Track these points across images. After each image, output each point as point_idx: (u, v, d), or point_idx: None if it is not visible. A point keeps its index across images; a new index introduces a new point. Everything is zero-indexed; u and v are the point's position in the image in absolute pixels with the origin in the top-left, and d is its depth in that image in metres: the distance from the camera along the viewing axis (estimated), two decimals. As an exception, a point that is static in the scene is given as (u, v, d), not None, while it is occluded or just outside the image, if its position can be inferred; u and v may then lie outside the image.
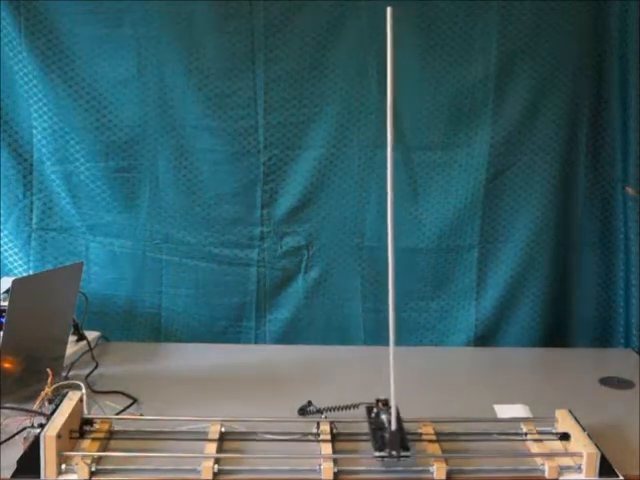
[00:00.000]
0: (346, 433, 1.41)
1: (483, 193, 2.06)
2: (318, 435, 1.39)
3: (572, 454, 1.32)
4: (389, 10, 1.23)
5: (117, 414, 1.51)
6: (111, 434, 1.39)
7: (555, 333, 2.13)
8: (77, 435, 1.33)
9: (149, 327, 2.14)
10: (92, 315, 1.93)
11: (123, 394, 1.61)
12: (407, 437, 1.31)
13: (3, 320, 1.50)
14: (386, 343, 2.11)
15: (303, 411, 1.53)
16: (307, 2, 1.97)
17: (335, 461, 1.30)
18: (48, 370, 1.45)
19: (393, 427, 1.29)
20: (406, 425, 1.42)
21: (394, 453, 1.27)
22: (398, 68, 2.00)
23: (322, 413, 1.50)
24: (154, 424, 1.42)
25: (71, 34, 1.96)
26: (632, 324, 2.05)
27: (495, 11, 1.97)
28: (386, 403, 1.39)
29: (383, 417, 1.36)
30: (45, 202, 2.08)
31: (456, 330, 2.13)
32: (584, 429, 1.35)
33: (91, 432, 1.36)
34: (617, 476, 1.27)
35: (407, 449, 1.28)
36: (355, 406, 1.47)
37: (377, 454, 1.28)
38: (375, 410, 1.40)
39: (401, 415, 1.33)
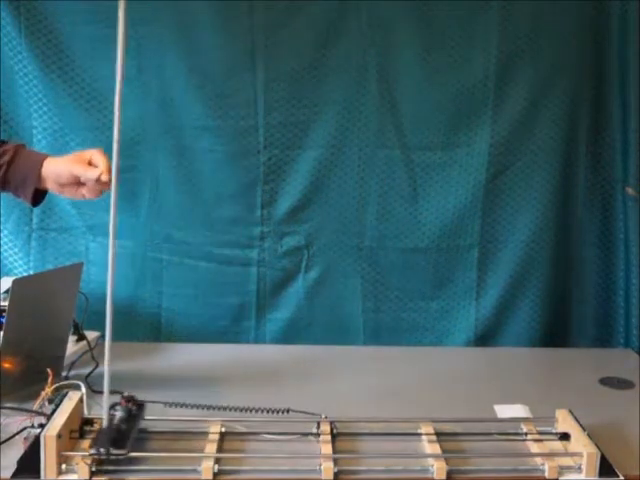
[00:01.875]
0: (346, 433, 1.41)
1: (483, 193, 2.06)
2: (318, 435, 1.39)
3: (572, 454, 1.32)
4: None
5: (117, 414, 1.50)
6: (111, 434, 1.39)
7: (555, 333, 2.14)
8: (77, 435, 1.33)
9: (149, 327, 2.14)
10: (92, 315, 1.92)
11: (123, 394, 1.61)
12: (128, 435, 1.26)
13: (3, 320, 1.50)
14: (386, 343, 2.13)
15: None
16: (307, 2, 1.97)
17: (335, 461, 1.30)
18: (48, 370, 1.45)
19: (105, 424, 1.24)
20: (406, 425, 1.42)
21: (102, 450, 1.21)
22: (398, 68, 2.02)
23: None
24: (154, 424, 1.42)
25: (71, 34, 1.96)
26: (632, 324, 2.05)
27: (495, 11, 1.97)
28: (130, 400, 1.35)
29: (117, 413, 1.30)
30: (45, 202, 2.07)
31: (456, 330, 2.13)
32: (584, 429, 1.35)
33: (91, 432, 1.36)
34: (617, 476, 1.27)
35: (123, 447, 1.22)
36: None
37: (91, 451, 1.23)
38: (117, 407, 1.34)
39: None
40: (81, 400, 1.38)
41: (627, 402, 1.66)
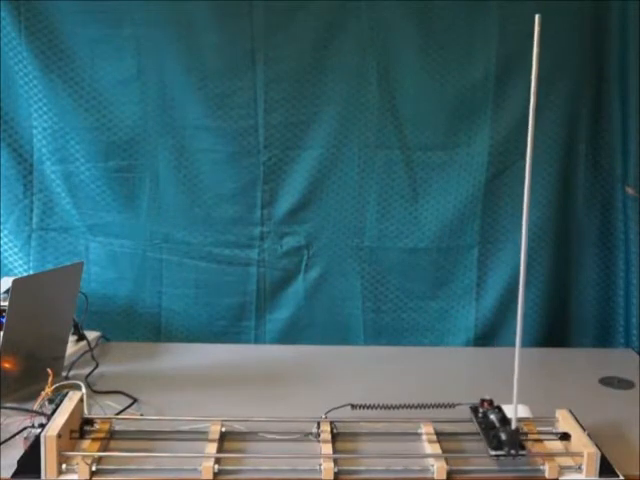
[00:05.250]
0: (346, 433, 1.41)
1: (483, 193, 2.06)
2: (318, 435, 1.39)
3: (572, 454, 1.32)
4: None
5: (117, 414, 1.50)
6: (111, 434, 1.39)
7: (555, 333, 2.13)
8: (77, 435, 1.33)
9: (149, 327, 2.14)
10: (92, 315, 1.93)
11: (123, 394, 1.61)
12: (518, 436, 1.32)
13: (3, 320, 1.50)
14: (386, 343, 2.13)
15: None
16: (307, 2, 1.97)
17: (335, 461, 1.30)
18: (48, 370, 1.45)
19: (513, 426, 1.30)
20: (406, 425, 1.42)
21: (513, 452, 1.27)
22: (398, 68, 2.02)
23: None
24: (154, 424, 1.42)
25: (71, 34, 1.96)
26: (632, 324, 2.05)
27: (495, 11, 1.97)
28: (491, 403, 1.41)
29: (492, 417, 1.37)
30: (45, 202, 2.08)
31: (456, 330, 2.13)
32: (584, 429, 1.35)
33: (91, 432, 1.36)
34: (617, 476, 1.27)
35: (524, 448, 1.29)
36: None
37: (493, 453, 1.28)
38: (481, 410, 1.40)
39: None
40: (81, 400, 1.39)
41: (627, 402, 1.66)
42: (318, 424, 1.41)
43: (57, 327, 1.68)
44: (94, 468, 1.26)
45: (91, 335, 1.91)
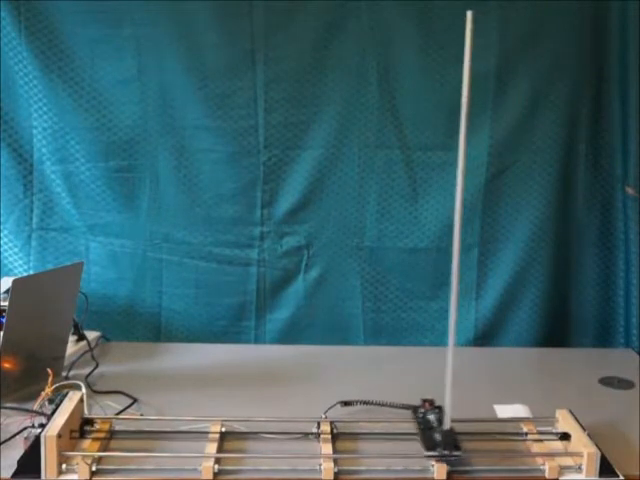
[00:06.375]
0: (346, 433, 1.41)
1: (483, 193, 2.06)
2: (318, 435, 1.39)
3: (572, 454, 1.32)
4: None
5: (117, 414, 1.50)
6: (111, 434, 1.39)
7: (555, 333, 2.13)
8: (77, 435, 1.33)
9: (149, 327, 2.14)
10: (92, 315, 1.93)
11: (123, 394, 1.61)
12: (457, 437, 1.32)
13: (3, 320, 1.50)
14: (386, 343, 2.13)
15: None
16: (307, 2, 1.97)
17: (335, 461, 1.30)
18: (48, 370, 1.45)
19: (447, 426, 1.29)
20: (406, 425, 1.42)
21: (446, 452, 1.27)
22: (398, 68, 2.02)
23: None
24: (154, 424, 1.42)
25: (71, 34, 1.96)
26: (632, 324, 2.05)
27: (495, 11, 1.96)
28: (432, 403, 1.42)
29: (431, 417, 1.37)
30: (45, 202, 2.08)
31: (456, 330, 2.13)
32: (584, 429, 1.35)
33: (91, 432, 1.36)
34: (617, 476, 1.27)
35: (459, 448, 1.28)
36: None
37: (428, 454, 1.28)
38: (422, 410, 1.41)
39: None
40: (81, 400, 1.39)
41: (627, 402, 1.66)
42: (318, 424, 1.41)
43: (57, 327, 1.68)
44: (94, 468, 1.26)
45: (91, 335, 1.91)
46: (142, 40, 1.98)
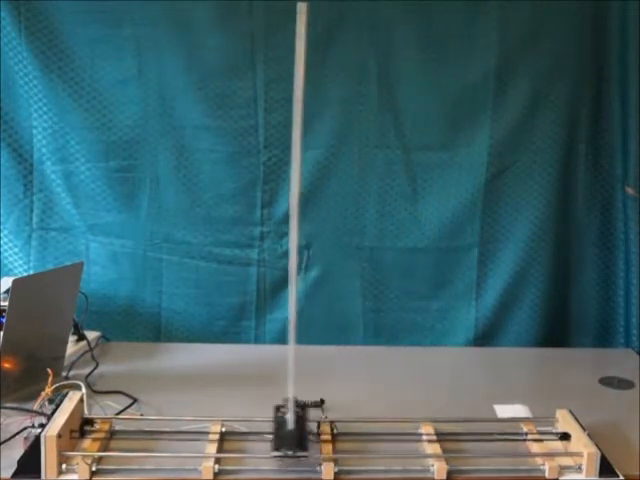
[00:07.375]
0: (346, 433, 1.41)
1: (483, 193, 2.06)
2: (318, 435, 1.39)
3: (572, 454, 1.32)
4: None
5: (117, 414, 1.50)
6: (111, 434, 1.39)
7: (555, 333, 2.14)
8: (77, 435, 1.33)
9: (149, 327, 2.14)
10: (92, 315, 1.93)
11: (123, 394, 1.61)
12: (308, 437, 1.30)
13: (3, 320, 1.50)
14: (386, 343, 2.13)
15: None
16: (307, 2, 1.97)
17: (335, 461, 1.30)
18: (48, 370, 1.45)
19: (290, 426, 1.28)
20: (406, 425, 1.42)
21: (290, 453, 1.26)
22: (398, 68, 2.02)
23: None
24: (154, 424, 1.42)
25: (71, 34, 1.96)
26: (632, 324, 2.05)
27: (495, 11, 1.97)
28: (297, 403, 1.39)
29: (288, 417, 1.34)
30: (45, 202, 2.08)
31: (456, 330, 2.13)
32: (584, 429, 1.35)
33: (91, 432, 1.36)
34: (617, 476, 1.27)
35: (305, 449, 1.26)
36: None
37: (274, 454, 1.27)
38: (282, 410, 1.38)
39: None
40: (81, 400, 1.39)
41: (627, 402, 1.66)
42: (318, 424, 1.41)
43: (57, 327, 1.68)
44: (94, 468, 1.26)
45: (91, 335, 1.91)
46: (142, 40, 1.98)
